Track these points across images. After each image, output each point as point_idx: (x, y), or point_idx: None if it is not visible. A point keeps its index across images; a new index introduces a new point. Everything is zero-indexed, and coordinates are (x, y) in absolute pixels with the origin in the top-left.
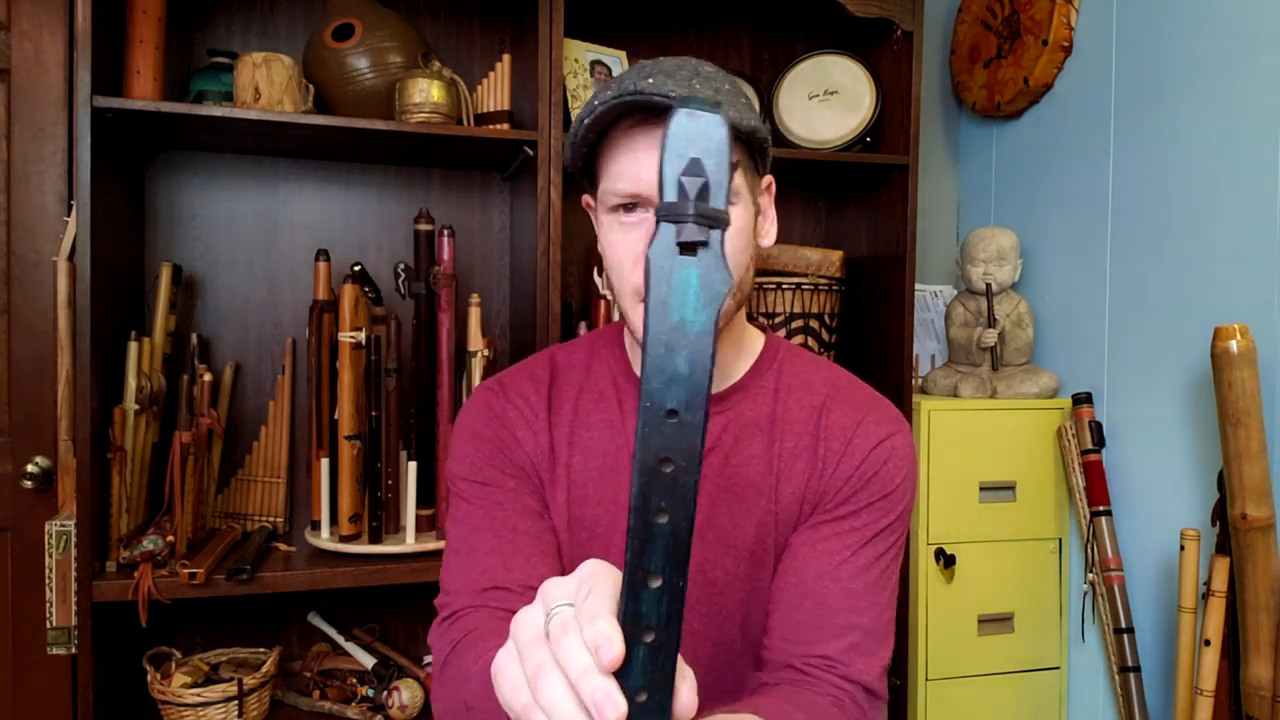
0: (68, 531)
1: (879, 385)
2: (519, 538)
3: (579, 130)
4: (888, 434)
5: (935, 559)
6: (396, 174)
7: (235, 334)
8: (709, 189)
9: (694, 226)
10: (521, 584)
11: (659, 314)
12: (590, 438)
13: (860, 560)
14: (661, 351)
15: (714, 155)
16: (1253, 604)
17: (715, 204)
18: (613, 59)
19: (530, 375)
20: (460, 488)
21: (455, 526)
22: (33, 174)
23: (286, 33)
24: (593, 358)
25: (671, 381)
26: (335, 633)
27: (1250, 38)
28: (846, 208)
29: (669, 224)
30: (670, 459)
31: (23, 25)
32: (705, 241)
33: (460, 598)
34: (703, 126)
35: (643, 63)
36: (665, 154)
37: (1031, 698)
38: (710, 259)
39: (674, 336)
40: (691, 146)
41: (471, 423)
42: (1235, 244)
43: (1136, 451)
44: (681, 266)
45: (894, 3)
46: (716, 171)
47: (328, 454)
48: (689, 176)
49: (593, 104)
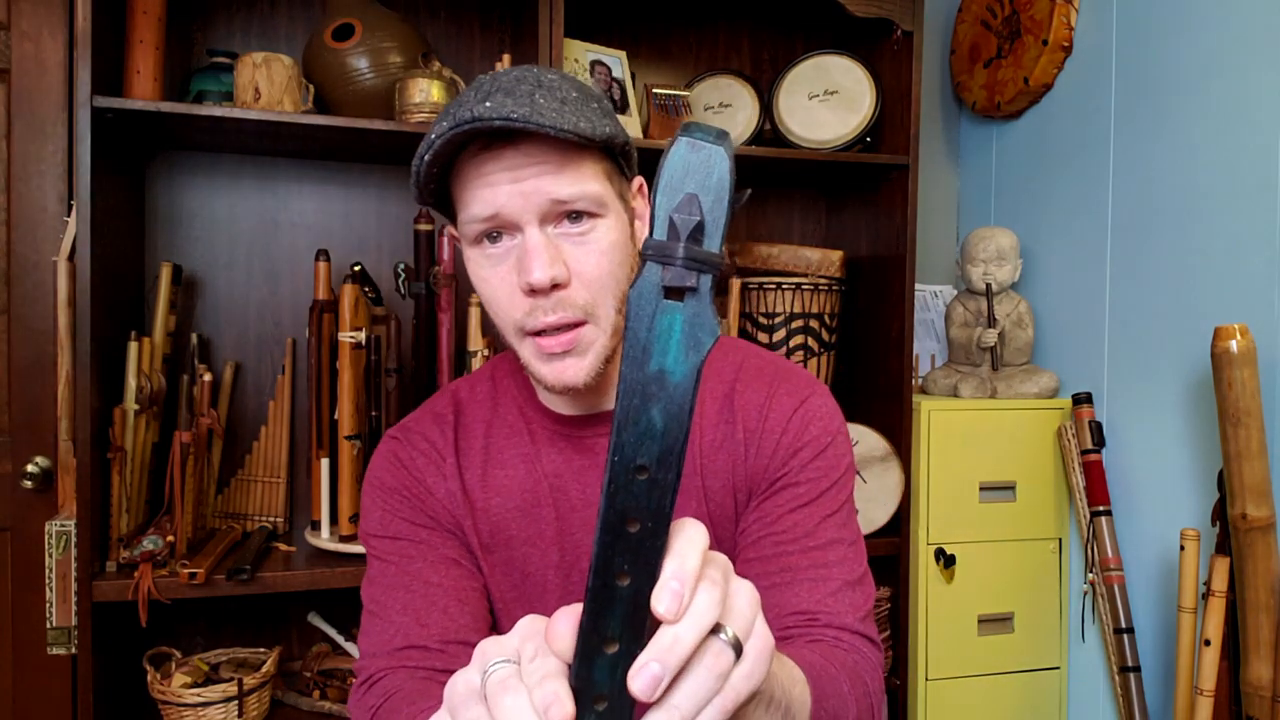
0: (68, 531)
1: (879, 385)
2: (432, 591)
3: (420, 167)
4: (802, 399)
5: (935, 559)
6: (396, 174)
7: (235, 334)
8: (704, 229)
9: (683, 270)
10: (440, 639)
11: (636, 361)
12: (505, 475)
13: (811, 522)
14: (636, 402)
15: (712, 192)
16: (1253, 604)
17: (709, 246)
18: (613, 59)
19: (435, 416)
20: (372, 545)
21: (369, 587)
22: (33, 174)
23: (286, 33)
24: (496, 389)
25: (645, 436)
26: (335, 633)
27: (1250, 37)
28: (846, 208)
29: (655, 264)
30: (637, 519)
31: (23, 25)
32: (694, 287)
33: (376, 661)
34: (703, 159)
35: (480, 79)
36: (659, 186)
37: (1031, 698)
38: (698, 306)
39: (651, 387)
40: (689, 181)
41: (378, 476)
42: (1235, 244)
43: (1136, 451)
44: (665, 311)
45: (894, 3)
46: (714, 211)
47: (328, 454)
48: (682, 214)
49: (430, 138)
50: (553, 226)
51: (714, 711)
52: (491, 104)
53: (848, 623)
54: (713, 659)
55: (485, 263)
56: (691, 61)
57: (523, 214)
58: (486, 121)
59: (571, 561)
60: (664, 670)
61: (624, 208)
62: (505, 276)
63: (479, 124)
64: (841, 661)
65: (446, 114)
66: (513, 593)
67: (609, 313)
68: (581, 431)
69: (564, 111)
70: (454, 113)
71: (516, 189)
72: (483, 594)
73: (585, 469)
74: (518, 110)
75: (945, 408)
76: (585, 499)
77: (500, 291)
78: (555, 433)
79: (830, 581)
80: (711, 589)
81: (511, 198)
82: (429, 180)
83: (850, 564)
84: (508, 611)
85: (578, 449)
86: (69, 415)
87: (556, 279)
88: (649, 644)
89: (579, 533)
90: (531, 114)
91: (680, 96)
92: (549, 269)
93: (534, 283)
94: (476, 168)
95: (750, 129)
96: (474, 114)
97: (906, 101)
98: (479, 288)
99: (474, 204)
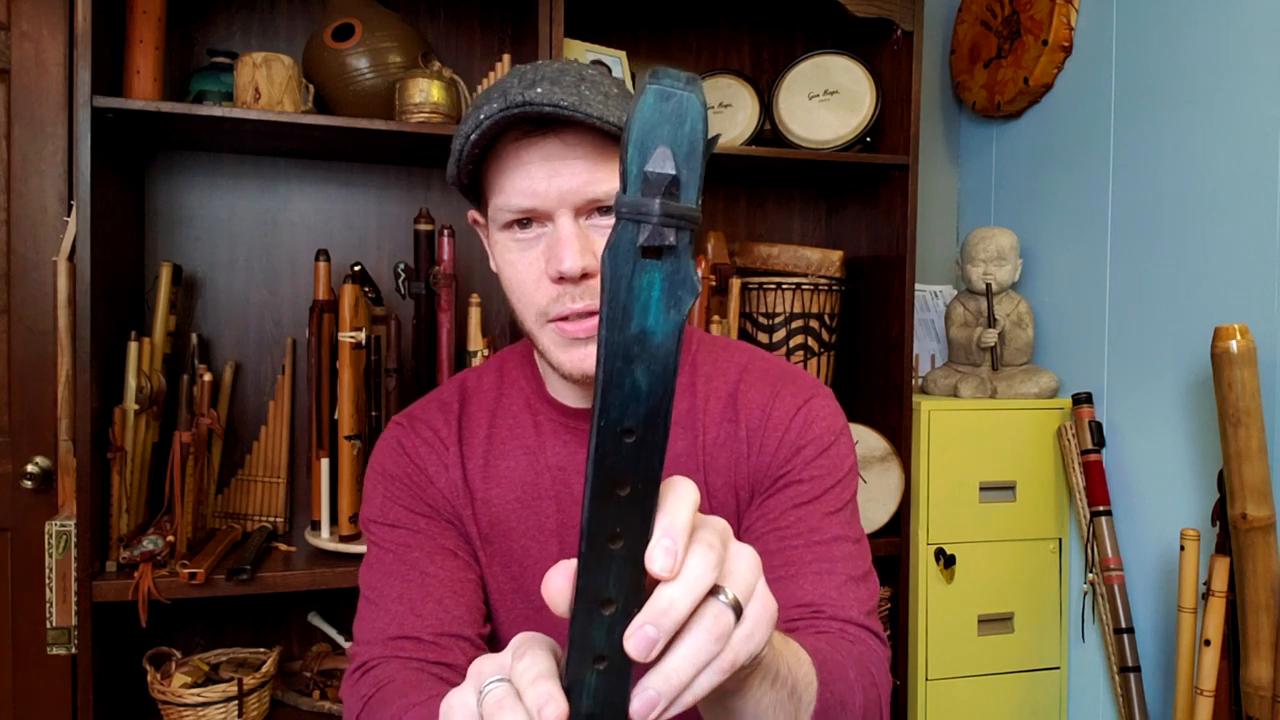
0: (68, 531)
1: (879, 385)
2: (428, 581)
3: (464, 147)
4: (805, 399)
5: (935, 559)
6: (396, 174)
7: (235, 334)
8: (679, 184)
9: (660, 227)
10: (433, 631)
11: (616, 323)
12: (507, 466)
13: (814, 518)
14: (618, 365)
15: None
16: (1253, 604)
17: (686, 201)
18: (613, 59)
19: (440, 405)
20: (371, 532)
21: (367, 572)
22: (33, 174)
23: (286, 33)
24: (503, 380)
25: (629, 398)
26: (335, 633)
27: (1250, 37)
28: (846, 208)
29: (630, 223)
30: (627, 481)
31: (23, 25)
32: (673, 245)
33: (370, 648)
34: (674, 109)
35: (522, 68)
36: (629, 141)
37: (1031, 698)
38: (677, 264)
39: (633, 348)
40: (660, 132)
41: (381, 462)
42: (1235, 244)
43: (1136, 451)
44: (643, 270)
45: (894, 3)
46: (689, 163)
47: (328, 454)
48: (655, 169)
49: (478, 118)
50: (584, 218)
51: (713, 673)
52: (541, 90)
53: (853, 616)
54: (711, 620)
55: (514, 247)
56: (691, 61)
57: (558, 205)
58: (537, 107)
59: (572, 554)
60: (659, 633)
61: None
62: (533, 263)
63: (529, 108)
64: (847, 651)
65: (493, 96)
66: (510, 585)
67: None
68: (587, 424)
69: (609, 105)
70: (503, 96)
71: (554, 180)
72: (478, 586)
73: None
74: (566, 99)
75: (945, 408)
76: None
77: (527, 277)
78: (561, 425)
79: (835, 575)
80: (708, 552)
81: (549, 189)
82: (469, 161)
83: (855, 560)
84: (504, 604)
85: (582, 442)
86: (69, 415)
87: (587, 269)
88: (645, 606)
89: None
90: (580, 104)
91: None
92: (580, 259)
93: (565, 271)
94: (517, 153)
95: (750, 129)
96: (525, 98)
97: (906, 101)
98: (504, 271)
99: (510, 192)
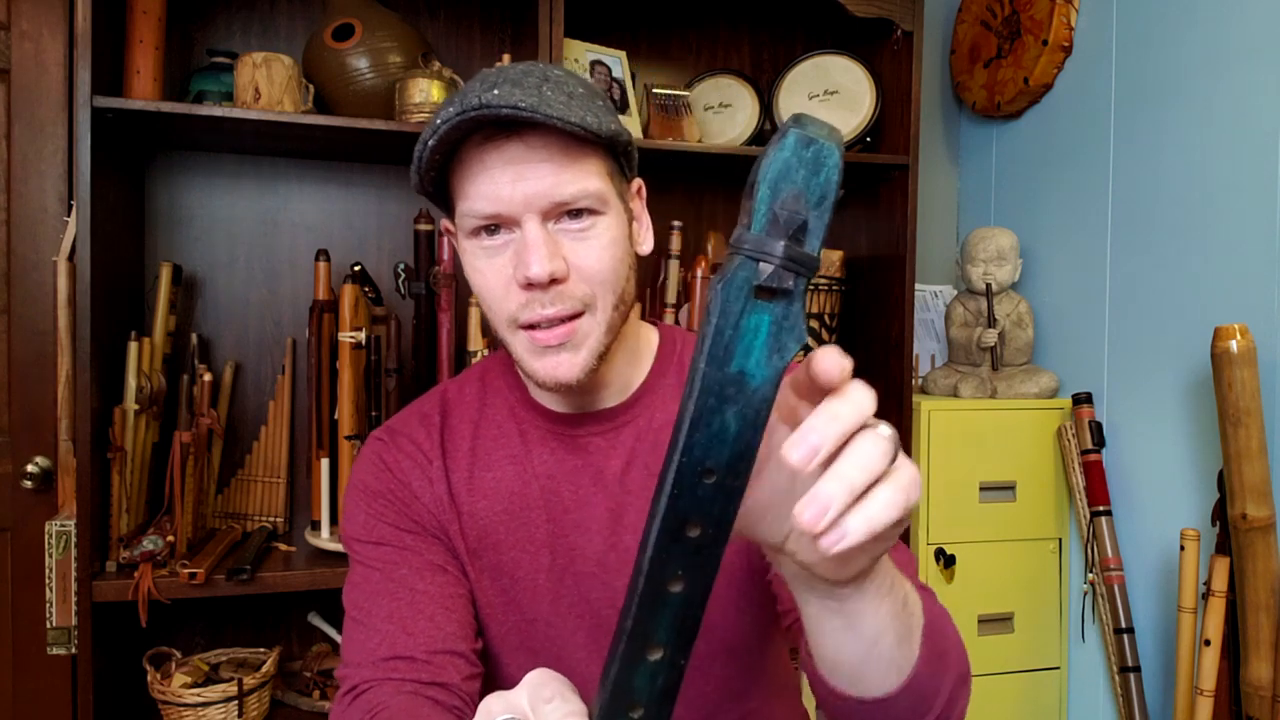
0: (68, 531)
1: (879, 385)
2: (419, 599)
3: (423, 153)
4: None
5: (935, 559)
6: (396, 174)
7: (235, 334)
8: (807, 229)
9: (781, 269)
10: (426, 650)
11: (717, 359)
12: (493, 477)
13: None
14: (711, 403)
15: (819, 191)
16: (1253, 604)
17: (809, 248)
18: (613, 59)
19: (421, 417)
20: (355, 550)
21: (352, 592)
22: (33, 174)
23: (286, 33)
24: (485, 389)
25: (716, 439)
26: (335, 633)
27: (1250, 38)
28: (846, 208)
29: (749, 260)
30: (699, 524)
31: (23, 25)
32: (789, 289)
33: (361, 671)
34: (814, 156)
35: (486, 71)
36: (761, 178)
37: (1031, 698)
38: (789, 310)
39: (729, 388)
40: (796, 176)
41: (362, 478)
42: (1235, 244)
43: (1136, 451)
44: (754, 310)
45: (894, 3)
46: (819, 210)
47: (328, 454)
48: (787, 210)
49: (435, 123)
50: (553, 222)
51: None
52: (499, 93)
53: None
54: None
55: (481, 254)
56: (691, 61)
57: (524, 210)
58: (494, 109)
59: (564, 565)
60: (822, 439)
61: (623, 207)
62: (501, 269)
63: (486, 111)
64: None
65: (452, 101)
66: (501, 598)
67: (607, 308)
68: (574, 430)
69: (571, 105)
70: (460, 100)
71: (519, 184)
72: (469, 600)
73: (578, 470)
74: (525, 100)
75: (945, 408)
76: (578, 500)
77: (496, 284)
78: (548, 431)
79: None
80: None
81: (513, 193)
82: (430, 168)
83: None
84: (495, 618)
85: (570, 449)
86: (69, 415)
87: (555, 274)
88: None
89: (571, 535)
90: (539, 104)
91: (680, 96)
92: (548, 264)
93: (533, 277)
94: (480, 158)
95: (750, 129)
96: (481, 101)
97: (906, 101)
98: (473, 279)
99: (474, 197)
